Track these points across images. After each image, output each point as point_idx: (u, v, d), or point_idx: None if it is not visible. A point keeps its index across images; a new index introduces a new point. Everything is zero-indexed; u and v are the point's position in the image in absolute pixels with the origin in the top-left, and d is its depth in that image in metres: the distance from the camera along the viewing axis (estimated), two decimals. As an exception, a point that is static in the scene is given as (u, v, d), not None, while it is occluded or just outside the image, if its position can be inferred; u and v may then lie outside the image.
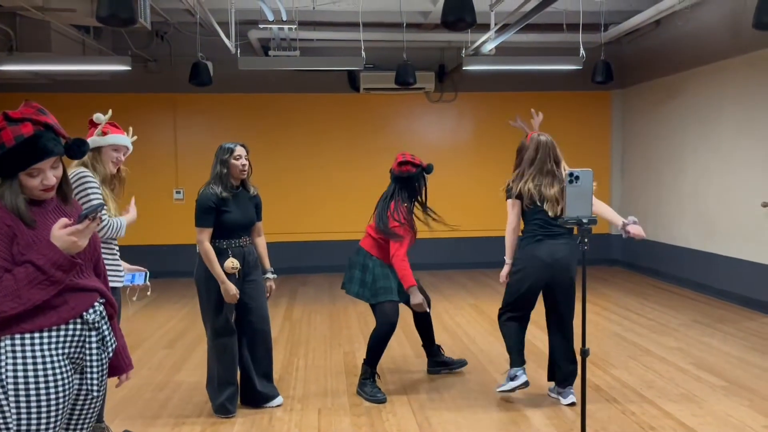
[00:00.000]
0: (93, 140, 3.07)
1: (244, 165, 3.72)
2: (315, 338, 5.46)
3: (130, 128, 3.32)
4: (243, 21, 7.13)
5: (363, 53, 6.15)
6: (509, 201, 3.84)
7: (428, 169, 4.09)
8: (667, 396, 3.94)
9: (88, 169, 3.07)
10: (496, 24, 6.28)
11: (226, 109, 8.68)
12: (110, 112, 3.12)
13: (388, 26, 7.57)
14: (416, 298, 3.95)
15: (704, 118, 7.11)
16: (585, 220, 2.25)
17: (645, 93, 8.41)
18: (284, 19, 5.82)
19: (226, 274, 3.61)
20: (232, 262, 3.62)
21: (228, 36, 6.45)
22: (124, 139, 3.16)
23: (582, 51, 6.53)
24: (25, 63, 5.87)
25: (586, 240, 2.31)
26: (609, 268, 8.92)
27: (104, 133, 3.08)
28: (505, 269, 3.90)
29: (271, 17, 5.77)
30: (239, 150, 3.72)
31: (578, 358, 3.24)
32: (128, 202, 3.33)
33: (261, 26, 5.86)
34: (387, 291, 4.01)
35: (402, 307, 4.09)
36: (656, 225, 8.15)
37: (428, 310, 4.15)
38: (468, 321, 6.00)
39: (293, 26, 5.89)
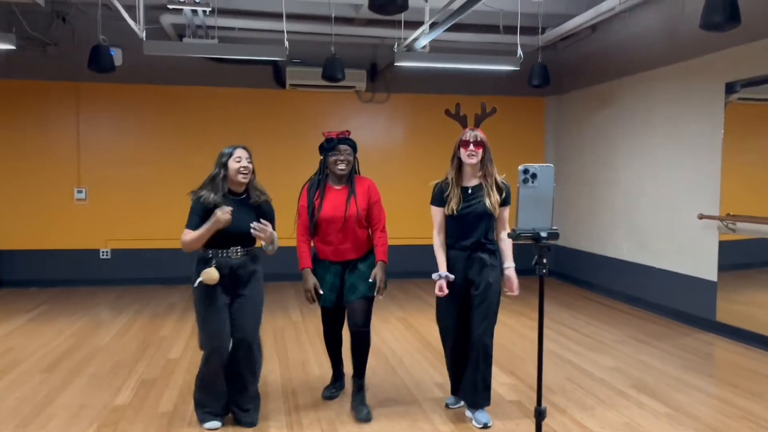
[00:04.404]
0: None
1: (244, 168, 3.31)
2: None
3: None
4: (155, 5, 6.46)
5: (286, 43, 5.60)
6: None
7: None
8: (610, 425, 3.58)
9: None
10: (430, 19, 5.88)
11: (137, 101, 7.91)
12: None
13: (318, 19, 7.06)
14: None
15: (637, 128, 6.94)
16: (543, 234, 1.79)
17: (579, 100, 8.23)
18: (197, 0, 5.21)
19: (205, 285, 3.24)
20: (210, 273, 3.20)
21: (135, 19, 5.76)
22: None
23: (519, 51, 6.21)
24: None
25: (544, 261, 1.85)
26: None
27: None
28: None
29: (182, -3, 5.16)
30: (239, 152, 3.34)
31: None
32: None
33: (170, 6, 5.23)
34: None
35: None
36: (589, 236, 7.95)
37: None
38: (395, 337, 5.53)
39: (207, 8, 5.28)
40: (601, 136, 7.69)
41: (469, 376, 3.51)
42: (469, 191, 3.44)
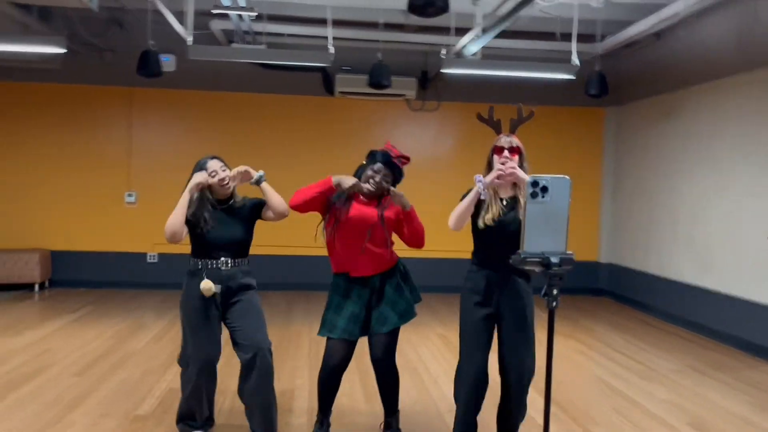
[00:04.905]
0: None
1: (222, 179, 3.19)
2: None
3: None
4: (205, 12, 6.47)
5: (331, 48, 5.50)
6: None
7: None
8: (659, 467, 3.26)
9: None
10: (481, 25, 5.65)
11: (188, 106, 7.99)
12: None
13: (366, 25, 6.93)
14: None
15: (703, 141, 6.50)
16: (554, 260, 1.53)
17: (641, 111, 7.81)
18: (241, 4, 5.15)
19: (198, 298, 3.16)
20: (206, 284, 3.12)
21: (184, 24, 5.77)
22: None
23: (575, 59, 5.90)
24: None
25: (555, 292, 1.59)
26: (594, 298, 8.25)
27: None
28: None
29: (227, 2, 5.11)
30: (211, 165, 3.20)
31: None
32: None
33: (214, 11, 5.21)
34: (324, 323, 3.31)
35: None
36: (647, 254, 7.51)
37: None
38: (433, 354, 5.29)
39: (252, 14, 5.23)
40: (663, 149, 7.26)
41: (514, 411, 3.20)
42: (504, 203, 3.11)
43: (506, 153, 3.04)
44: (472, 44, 5.66)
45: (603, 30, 6.76)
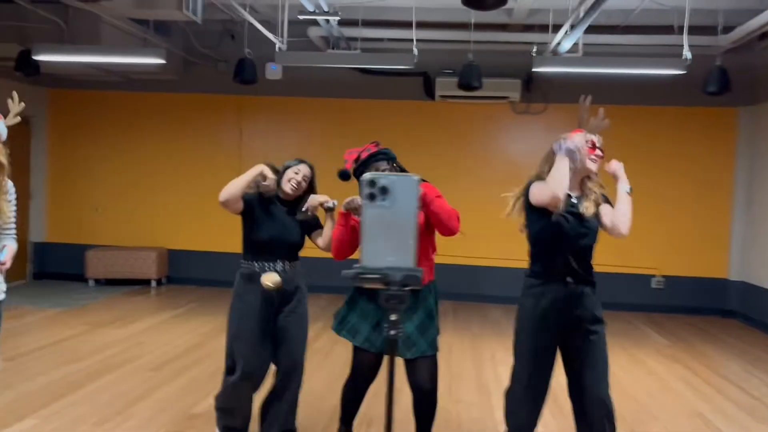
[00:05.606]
0: None
1: (295, 182, 3.20)
2: (319, 377, 4.67)
3: (14, 94, 2.73)
4: (299, 20, 6.60)
5: (415, 50, 5.37)
6: None
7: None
8: None
9: None
10: (577, 18, 5.24)
11: (293, 113, 8.22)
12: None
13: (466, 26, 6.71)
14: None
15: None
16: (397, 276, 1.24)
17: (780, 111, 6.88)
18: (324, 9, 5.17)
19: (264, 292, 3.11)
20: (271, 276, 3.07)
21: (275, 32, 5.92)
22: None
23: (687, 53, 5.30)
24: (50, 53, 5.61)
25: (395, 317, 1.28)
26: (721, 320, 7.37)
27: None
28: None
29: (311, 7, 5.14)
30: (301, 167, 3.25)
31: None
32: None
33: (300, 17, 5.27)
34: (343, 321, 3.16)
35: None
36: (784, 274, 6.59)
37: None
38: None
39: (334, 18, 5.23)
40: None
41: None
42: (572, 199, 2.82)
43: (598, 152, 2.84)
44: (565, 41, 5.27)
45: (728, 20, 6.04)
